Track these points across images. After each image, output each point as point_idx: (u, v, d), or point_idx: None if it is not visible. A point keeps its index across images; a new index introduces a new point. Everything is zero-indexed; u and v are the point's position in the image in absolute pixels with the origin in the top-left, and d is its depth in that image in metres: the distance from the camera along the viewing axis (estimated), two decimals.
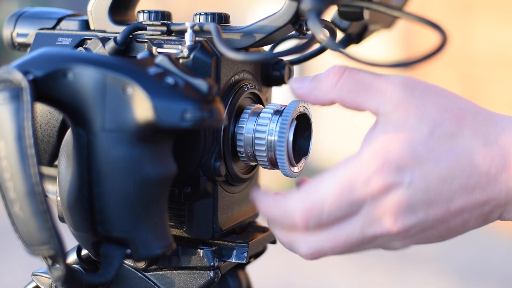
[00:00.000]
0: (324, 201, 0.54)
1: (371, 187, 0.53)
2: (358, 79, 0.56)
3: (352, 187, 0.53)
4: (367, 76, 0.56)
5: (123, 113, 0.53)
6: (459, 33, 3.45)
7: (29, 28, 0.69)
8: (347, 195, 0.53)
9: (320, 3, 0.54)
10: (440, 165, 0.53)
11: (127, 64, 0.54)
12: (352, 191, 0.53)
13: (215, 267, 0.63)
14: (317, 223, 0.54)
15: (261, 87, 0.67)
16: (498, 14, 3.61)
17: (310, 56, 0.71)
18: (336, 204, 0.53)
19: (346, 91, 0.56)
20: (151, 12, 0.63)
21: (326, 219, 0.54)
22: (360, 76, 0.56)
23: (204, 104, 0.53)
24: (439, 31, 0.56)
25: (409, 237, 0.55)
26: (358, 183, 0.53)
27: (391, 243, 0.56)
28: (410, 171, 0.53)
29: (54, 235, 0.52)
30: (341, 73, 0.57)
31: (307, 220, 0.54)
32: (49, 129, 0.65)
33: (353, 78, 0.56)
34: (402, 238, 0.55)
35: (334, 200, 0.53)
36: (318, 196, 0.54)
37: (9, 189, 0.52)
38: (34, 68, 0.54)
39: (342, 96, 0.56)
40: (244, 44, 0.62)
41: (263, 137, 0.61)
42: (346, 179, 0.53)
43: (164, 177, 0.56)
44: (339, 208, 0.53)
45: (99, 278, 0.56)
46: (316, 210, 0.54)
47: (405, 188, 0.53)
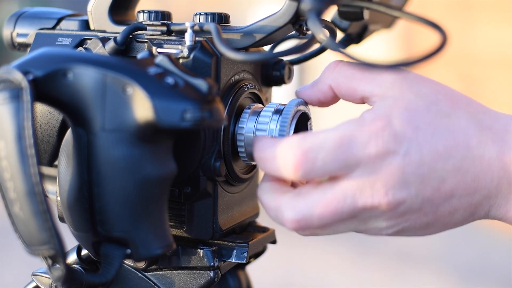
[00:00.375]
0: (320, 149, 0.53)
1: (369, 148, 0.53)
2: (354, 66, 0.58)
3: (351, 143, 0.53)
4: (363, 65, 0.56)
5: (123, 113, 0.53)
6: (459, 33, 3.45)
7: (29, 28, 0.69)
8: (345, 149, 0.53)
9: (320, 3, 0.54)
10: (436, 140, 0.53)
11: (127, 64, 0.54)
12: (350, 147, 0.53)
13: (215, 267, 0.63)
14: (309, 170, 0.53)
15: (261, 87, 0.67)
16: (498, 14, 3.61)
17: (310, 56, 0.71)
18: (332, 155, 0.53)
19: (342, 76, 0.58)
20: (151, 12, 0.63)
21: (318, 169, 0.53)
22: (355, 64, 0.57)
23: (204, 104, 0.53)
24: (439, 31, 0.56)
25: (395, 217, 0.54)
26: (358, 141, 0.53)
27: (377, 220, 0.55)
28: (408, 141, 0.53)
29: (54, 235, 0.52)
30: (336, 63, 0.59)
31: (300, 164, 0.53)
32: (49, 129, 0.65)
33: (349, 65, 0.58)
34: (389, 216, 0.54)
35: (330, 150, 0.53)
36: (316, 142, 0.53)
37: (9, 189, 0.52)
38: (34, 68, 0.54)
39: (338, 80, 0.58)
40: (244, 44, 0.62)
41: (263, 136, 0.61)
42: (347, 133, 0.53)
43: (164, 177, 0.56)
44: (334, 160, 0.53)
45: (99, 278, 0.56)
46: (311, 156, 0.53)
47: (401, 157, 0.53)
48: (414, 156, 0.53)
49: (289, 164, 0.53)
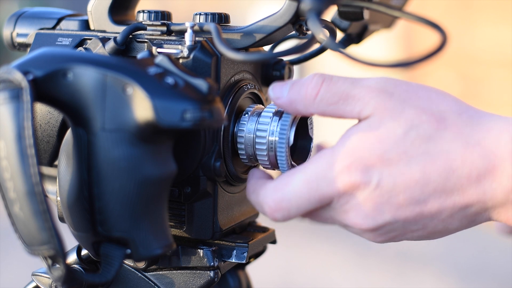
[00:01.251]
0: (291, 197, 0.55)
1: (338, 184, 0.54)
2: (336, 90, 0.56)
3: (319, 184, 0.54)
4: (345, 86, 0.56)
5: (123, 113, 0.53)
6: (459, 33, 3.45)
7: (29, 28, 0.69)
8: (314, 191, 0.54)
9: (320, 3, 0.54)
10: (412, 168, 0.52)
11: (127, 64, 0.54)
12: (319, 188, 0.54)
13: (215, 267, 0.63)
14: (285, 216, 0.56)
15: (261, 87, 0.67)
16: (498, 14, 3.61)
17: (310, 56, 0.71)
18: (302, 200, 0.55)
19: (326, 104, 0.56)
20: (151, 12, 0.63)
21: (294, 213, 0.56)
22: (338, 86, 0.56)
23: (204, 104, 0.53)
24: (439, 31, 0.56)
25: (381, 235, 0.56)
26: (326, 180, 0.54)
27: (365, 235, 0.56)
28: (378, 172, 0.53)
29: (54, 235, 0.52)
30: (319, 85, 0.57)
31: (275, 213, 0.56)
32: (49, 129, 0.65)
33: (331, 90, 0.56)
34: (373, 235, 0.56)
35: (301, 197, 0.55)
36: (286, 191, 0.55)
37: (9, 189, 0.52)
38: (34, 68, 0.54)
39: (322, 109, 0.57)
40: (244, 44, 0.62)
41: (264, 137, 0.61)
42: (314, 176, 0.54)
43: (164, 177, 0.56)
44: (307, 203, 0.55)
45: (99, 278, 0.56)
46: (284, 205, 0.55)
47: (372, 189, 0.53)
48: (385, 187, 0.53)
49: (267, 213, 0.57)
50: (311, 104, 0.57)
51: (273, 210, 0.56)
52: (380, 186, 0.53)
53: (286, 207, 0.55)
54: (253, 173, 0.60)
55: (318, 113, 0.57)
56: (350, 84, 0.56)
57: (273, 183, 0.57)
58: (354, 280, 2.68)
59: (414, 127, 0.53)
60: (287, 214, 0.56)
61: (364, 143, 0.53)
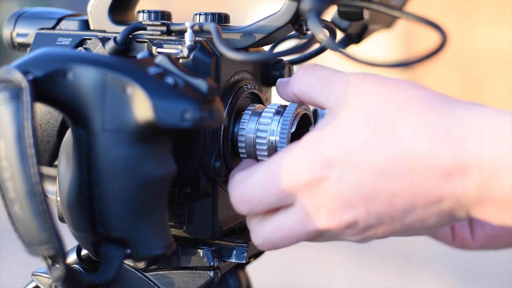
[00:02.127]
0: (254, 189, 0.55)
1: (299, 178, 0.53)
2: (317, 73, 0.57)
3: (281, 177, 0.53)
4: (326, 72, 0.56)
5: (123, 113, 0.53)
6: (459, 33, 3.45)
7: (29, 28, 0.69)
8: (276, 184, 0.54)
9: (320, 3, 0.54)
10: (375, 157, 0.50)
11: (127, 64, 0.54)
12: (280, 181, 0.53)
13: (215, 267, 0.63)
14: (249, 208, 0.55)
15: (261, 87, 0.67)
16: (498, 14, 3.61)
17: (310, 56, 0.71)
18: (265, 192, 0.54)
19: (304, 84, 0.57)
20: (151, 12, 0.63)
21: (257, 206, 0.55)
22: (319, 71, 0.57)
23: (204, 104, 0.53)
24: (439, 31, 0.56)
25: (359, 233, 0.53)
26: (287, 173, 0.53)
27: (344, 236, 0.55)
28: (341, 165, 0.51)
29: (54, 235, 0.52)
30: (305, 69, 0.58)
31: (239, 204, 0.56)
32: (49, 129, 0.65)
33: (312, 72, 0.57)
34: (351, 233, 0.54)
35: (263, 188, 0.54)
36: (250, 183, 0.55)
37: (9, 189, 0.52)
38: (34, 68, 0.54)
39: (300, 88, 0.58)
40: (244, 44, 0.62)
41: (264, 137, 0.61)
42: (277, 168, 0.54)
43: (164, 177, 0.56)
44: (269, 195, 0.54)
45: (99, 278, 0.56)
46: (247, 196, 0.55)
47: (335, 182, 0.51)
48: (350, 178, 0.51)
49: (232, 204, 0.57)
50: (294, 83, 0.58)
51: (238, 201, 0.56)
52: (344, 178, 0.51)
53: (249, 199, 0.55)
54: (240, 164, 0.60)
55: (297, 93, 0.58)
56: (330, 72, 0.57)
57: (240, 174, 0.56)
58: (354, 280, 2.68)
59: (375, 115, 0.51)
60: (250, 207, 0.55)
61: (325, 135, 0.52)
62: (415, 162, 0.50)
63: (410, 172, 0.50)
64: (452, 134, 0.49)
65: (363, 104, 0.52)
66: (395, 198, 0.51)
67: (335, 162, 0.52)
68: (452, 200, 0.50)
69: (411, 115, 0.51)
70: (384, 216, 0.52)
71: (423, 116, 0.50)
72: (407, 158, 0.50)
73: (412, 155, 0.50)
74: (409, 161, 0.50)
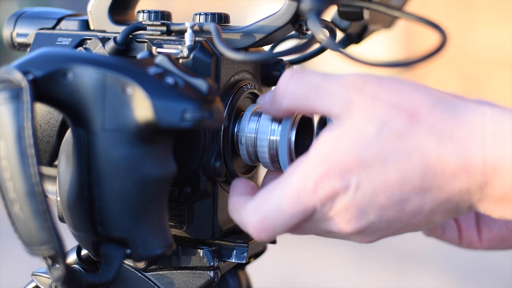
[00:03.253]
0: (274, 215, 0.54)
1: (318, 194, 0.53)
2: (306, 82, 0.55)
3: (300, 197, 0.53)
4: (315, 78, 0.55)
5: (123, 113, 0.53)
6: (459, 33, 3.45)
7: (29, 28, 0.69)
8: (296, 205, 0.53)
9: (320, 3, 0.54)
10: (388, 167, 0.52)
11: (127, 64, 0.54)
12: (300, 200, 0.53)
13: (215, 267, 0.63)
14: (271, 234, 0.55)
15: (261, 87, 0.67)
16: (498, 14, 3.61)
17: (310, 56, 0.71)
18: (286, 215, 0.54)
19: (297, 96, 0.56)
20: (151, 12, 0.63)
21: (280, 230, 0.55)
22: (308, 79, 0.55)
23: (204, 104, 0.53)
24: (439, 31, 0.56)
25: (368, 235, 0.55)
26: (306, 192, 0.53)
27: (351, 239, 0.56)
28: (356, 175, 0.52)
29: (54, 235, 0.52)
30: (289, 77, 0.56)
31: (261, 234, 0.55)
32: (49, 129, 0.65)
33: (301, 82, 0.55)
34: (360, 236, 0.55)
35: (284, 212, 0.54)
36: (268, 209, 0.54)
37: (9, 189, 0.52)
38: (34, 68, 0.54)
39: (293, 102, 0.56)
40: (244, 44, 0.62)
41: (265, 137, 0.61)
42: (293, 188, 0.53)
43: (164, 177, 0.56)
44: (291, 218, 0.54)
45: (99, 278, 0.56)
46: (268, 224, 0.54)
47: (352, 192, 0.52)
48: (365, 188, 0.52)
49: (252, 234, 0.55)
50: (284, 96, 0.56)
51: (258, 230, 0.55)
52: (360, 189, 0.52)
53: (271, 226, 0.54)
54: (233, 188, 0.59)
55: (292, 107, 0.56)
56: (321, 78, 0.55)
57: (254, 201, 0.55)
58: (354, 280, 2.68)
59: (386, 124, 0.52)
60: (272, 233, 0.55)
61: (338, 147, 0.52)
62: (426, 169, 0.51)
63: (421, 179, 0.52)
64: (457, 139, 0.51)
65: (373, 112, 0.52)
66: (406, 204, 0.52)
67: (350, 173, 0.52)
68: (457, 199, 0.52)
69: (420, 123, 0.52)
70: (394, 220, 0.54)
71: (431, 123, 0.52)
72: (417, 167, 0.51)
73: (423, 163, 0.51)
74: (420, 170, 0.51)
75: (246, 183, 0.60)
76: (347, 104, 0.53)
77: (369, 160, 0.52)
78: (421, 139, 0.51)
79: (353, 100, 0.53)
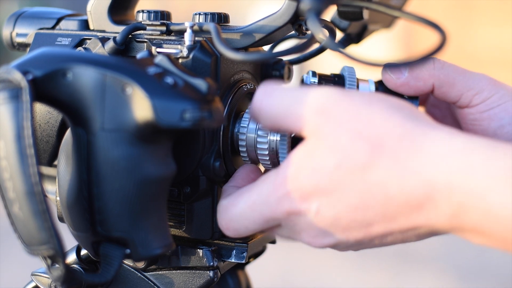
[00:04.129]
0: (238, 219, 0.56)
1: (279, 210, 0.54)
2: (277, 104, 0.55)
3: (262, 209, 0.55)
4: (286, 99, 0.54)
5: (123, 113, 0.53)
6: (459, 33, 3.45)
7: (28, 28, 0.69)
8: (258, 214, 0.55)
9: (320, 3, 0.54)
10: (349, 196, 0.52)
11: (126, 64, 0.54)
12: (262, 212, 0.55)
13: (214, 267, 0.63)
14: (236, 234, 0.57)
15: None
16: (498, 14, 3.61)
17: (309, 56, 0.71)
18: (249, 221, 0.56)
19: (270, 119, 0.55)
20: (150, 12, 0.63)
21: (244, 232, 0.57)
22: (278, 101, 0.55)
23: (203, 104, 0.53)
24: (438, 31, 0.56)
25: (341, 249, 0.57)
26: (267, 206, 0.55)
27: None
28: (316, 201, 0.53)
29: (53, 235, 0.52)
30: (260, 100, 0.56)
31: (226, 231, 0.58)
32: (48, 129, 0.65)
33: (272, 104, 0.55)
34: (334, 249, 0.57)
35: (246, 218, 0.56)
36: (233, 213, 0.56)
37: (9, 189, 0.52)
38: (33, 68, 0.54)
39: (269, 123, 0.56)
40: (243, 44, 0.62)
41: (265, 137, 0.60)
42: (257, 200, 0.55)
43: (163, 177, 0.56)
44: (254, 224, 0.56)
45: (98, 278, 0.56)
46: (232, 225, 0.57)
47: (313, 215, 0.53)
48: (326, 213, 0.53)
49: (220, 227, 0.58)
50: (259, 117, 0.56)
51: (224, 228, 0.57)
52: (320, 213, 0.53)
53: (234, 227, 0.57)
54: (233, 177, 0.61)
55: (268, 126, 0.56)
56: (291, 98, 0.54)
57: (227, 200, 0.57)
58: (353, 279, 2.68)
59: (347, 157, 0.52)
60: (236, 233, 0.57)
61: (301, 172, 0.53)
62: (388, 200, 0.51)
63: (384, 208, 0.52)
64: (423, 172, 0.50)
65: (336, 143, 0.52)
66: (371, 227, 0.53)
67: (311, 197, 0.53)
68: (428, 227, 0.52)
69: (383, 156, 0.51)
70: (364, 239, 0.54)
71: (395, 155, 0.51)
72: (379, 198, 0.51)
73: (384, 195, 0.51)
74: (381, 200, 0.51)
75: (246, 175, 0.61)
76: (315, 130, 0.53)
77: (328, 189, 0.52)
78: (383, 172, 0.51)
79: (320, 126, 0.53)
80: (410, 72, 0.62)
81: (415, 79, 0.62)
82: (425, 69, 0.62)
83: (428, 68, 0.62)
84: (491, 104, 0.63)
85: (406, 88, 0.62)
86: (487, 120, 0.63)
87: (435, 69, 0.62)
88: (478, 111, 0.63)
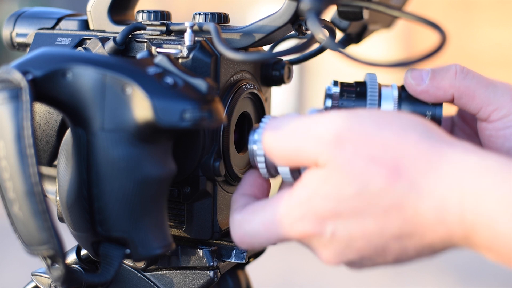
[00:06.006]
0: (252, 236, 0.56)
1: (293, 232, 0.54)
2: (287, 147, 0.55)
3: (277, 229, 0.55)
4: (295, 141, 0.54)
5: (122, 113, 0.53)
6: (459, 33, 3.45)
7: (28, 28, 0.69)
8: (273, 234, 0.55)
9: (320, 3, 0.54)
10: (365, 220, 0.52)
11: (126, 64, 0.54)
12: (277, 232, 0.55)
13: (214, 267, 0.63)
14: (250, 248, 0.59)
15: (260, 86, 0.67)
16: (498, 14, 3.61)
17: (309, 56, 0.71)
18: (263, 239, 0.56)
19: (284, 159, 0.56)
20: (150, 12, 0.63)
21: (258, 247, 0.58)
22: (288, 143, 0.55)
23: (203, 104, 0.53)
24: (438, 31, 0.56)
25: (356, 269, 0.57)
26: (282, 227, 0.55)
27: None
28: (332, 224, 0.53)
29: (53, 235, 0.52)
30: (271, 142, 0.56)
31: (241, 245, 0.58)
32: (48, 129, 0.65)
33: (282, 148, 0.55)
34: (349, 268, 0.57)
35: (260, 236, 0.56)
36: (248, 229, 0.56)
37: (9, 189, 0.52)
38: (33, 68, 0.54)
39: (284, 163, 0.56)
40: (243, 44, 0.62)
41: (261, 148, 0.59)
42: (271, 220, 0.55)
43: (163, 177, 0.56)
44: (267, 242, 0.57)
45: (98, 278, 0.56)
46: (246, 240, 0.57)
47: (329, 238, 0.54)
48: (341, 237, 0.53)
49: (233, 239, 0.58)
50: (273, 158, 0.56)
51: (238, 242, 0.57)
52: (335, 237, 0.53)
53: (249, 242, 0.57)
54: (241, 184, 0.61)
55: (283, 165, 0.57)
56: (300, 138, 0.54)
57: (241, 214, 0.57)
58: (353, 279, 2.68)
59: (364, 184, 0.52)
60: (250, 247, 0.58)
61: (317, 196, 0.53)
62: (404, 221, 0.52)
63: (400, 230, 0.52)
64: (437, 194, 0.51)
65: (352, 171, 0.52)
66: (387, 249, 0.53)
67: (327, 221, 0.53)
68: (442, 244, 0.53)
69: (400, 179, 0.51)
70: (379, 261, 0.55)
71: (410, 178, 0.51)
72: (395, 221, 0.52)
73: (400, 217, 0.52)
74: (397, 222, 0.52)
75: (254, 181, 0.60)
76: (329, 160, 0.53)
77: (345, 214, 0.53)
78: (400, 196, 0.51)
79: (334, 157, 0.53)
80: (431, 79, 0.61)
81: (435, 87, 0.61)
82: (446, 78, 0.61)
83: (449, 77, 0.61)
84: (508, 123, 0.61)
85: (426, 96, 0.62)
86: (502, 139, 0.62)
87: (457, 79, 0.61)
88: (494, 128, 0.62)
